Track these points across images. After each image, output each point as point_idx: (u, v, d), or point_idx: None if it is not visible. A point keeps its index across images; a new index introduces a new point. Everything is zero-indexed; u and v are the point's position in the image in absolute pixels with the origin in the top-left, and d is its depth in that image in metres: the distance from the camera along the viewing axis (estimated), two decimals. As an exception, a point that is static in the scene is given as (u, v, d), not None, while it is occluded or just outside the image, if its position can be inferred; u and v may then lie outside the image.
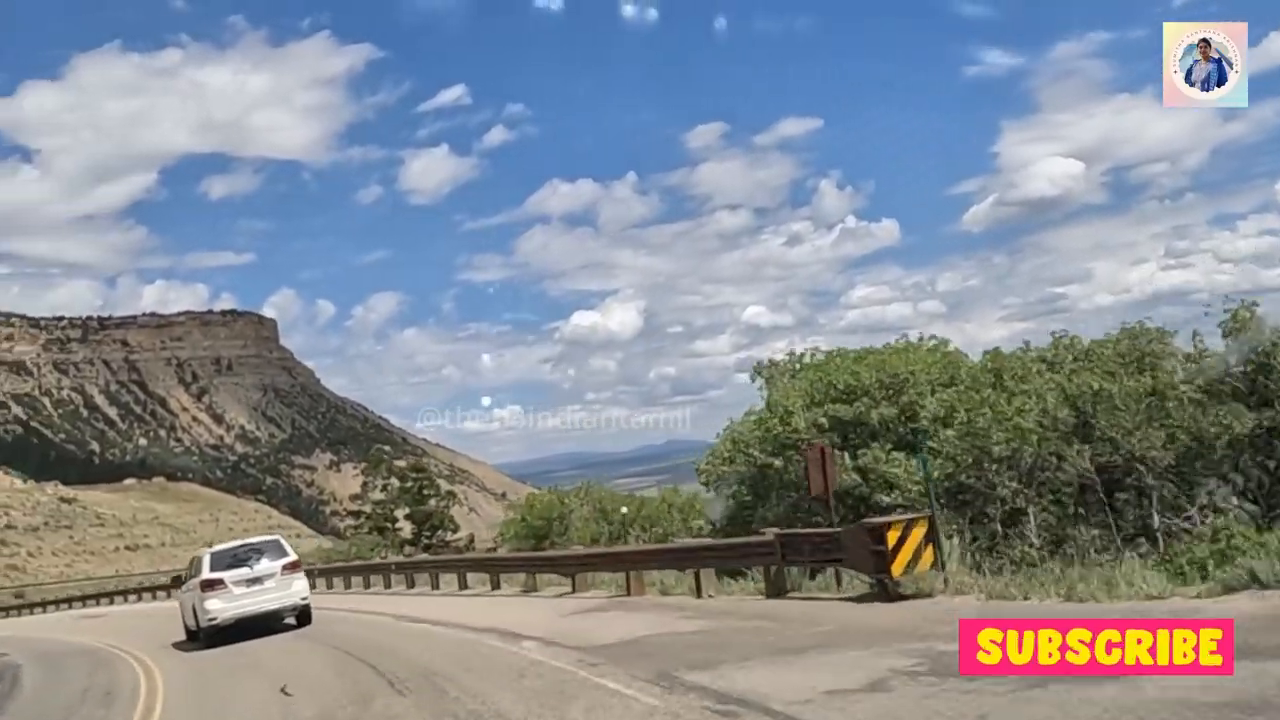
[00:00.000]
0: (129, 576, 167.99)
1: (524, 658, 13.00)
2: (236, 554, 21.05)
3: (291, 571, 20.80)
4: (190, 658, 19.05)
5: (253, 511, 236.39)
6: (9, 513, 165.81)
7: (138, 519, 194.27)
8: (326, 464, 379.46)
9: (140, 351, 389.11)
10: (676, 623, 14.56)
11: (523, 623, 16.70)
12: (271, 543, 21.95)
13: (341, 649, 16.52)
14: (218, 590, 19.84)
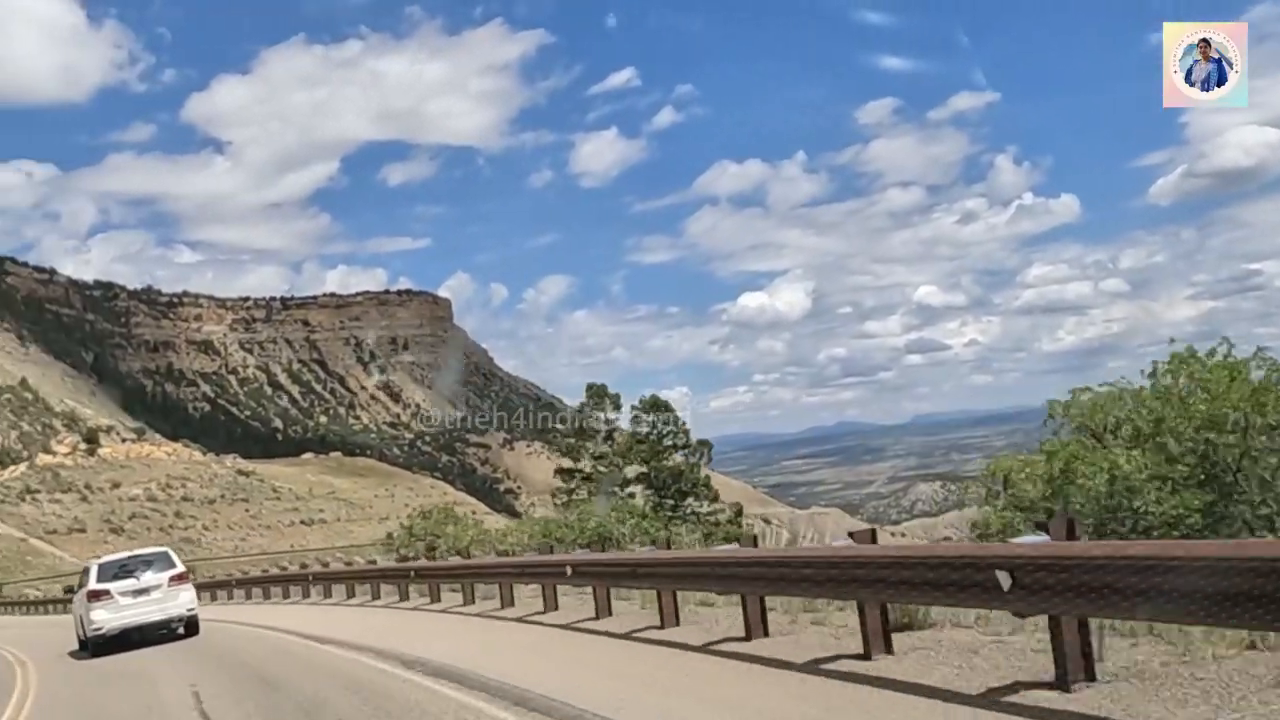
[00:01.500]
0: (303, 552, 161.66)
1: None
2: (125, 565, 20.43)
3: (179, 583, 20.20)
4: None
5: (429, 487, 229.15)
6: (186, 484, 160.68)
7: (314, 493, 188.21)
8: (500, 442, 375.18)
9: (321, 331, 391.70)
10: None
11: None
12: (160, 554, 21.41)
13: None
14: (104, 601, 19.37)
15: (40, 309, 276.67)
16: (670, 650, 11.04)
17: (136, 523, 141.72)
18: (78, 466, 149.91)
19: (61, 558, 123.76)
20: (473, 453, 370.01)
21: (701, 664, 9.96)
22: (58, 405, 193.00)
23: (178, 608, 20.09)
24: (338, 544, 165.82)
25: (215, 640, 19.76)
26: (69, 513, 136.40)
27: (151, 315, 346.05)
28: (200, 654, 17.53)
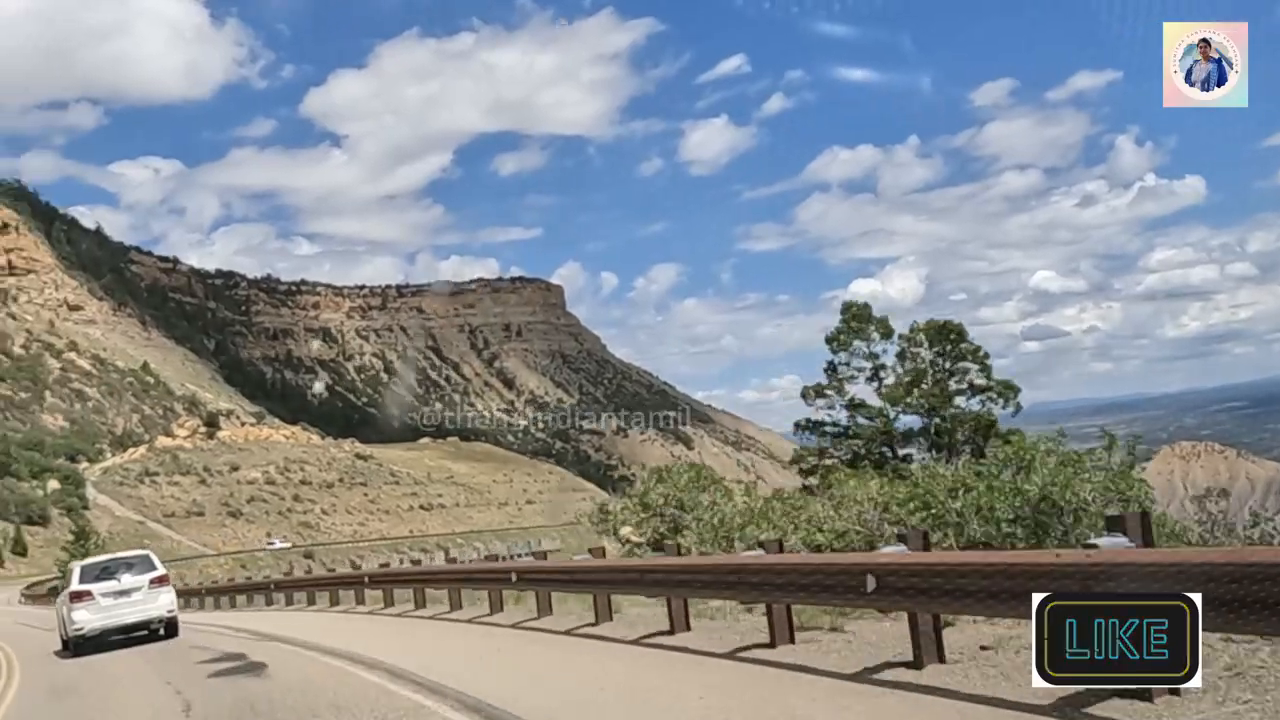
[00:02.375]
0: (423, 538, 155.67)
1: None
2: (107, 567, 20.45)
3: (159, 585, 20.01)
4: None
5: (546, 473, 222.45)
6: (304, 467, 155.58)
7: (432, 478, 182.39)
8: (614, 429, 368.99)
9: (435, 319, 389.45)
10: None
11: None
12: (141, 557, 21.19)
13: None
14: (85, 602, 19.30)
15: (163, 297, 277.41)
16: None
17: (255, 506, 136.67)
18: (197, 449, 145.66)
19: (179, 541, 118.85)
20: (586, 440, 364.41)
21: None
22: (179, 390, 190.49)
23: (157, 609, 20.04)
24: (458, 529, 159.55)
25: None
26: (187, 496, 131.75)
27: (271, 304, 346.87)
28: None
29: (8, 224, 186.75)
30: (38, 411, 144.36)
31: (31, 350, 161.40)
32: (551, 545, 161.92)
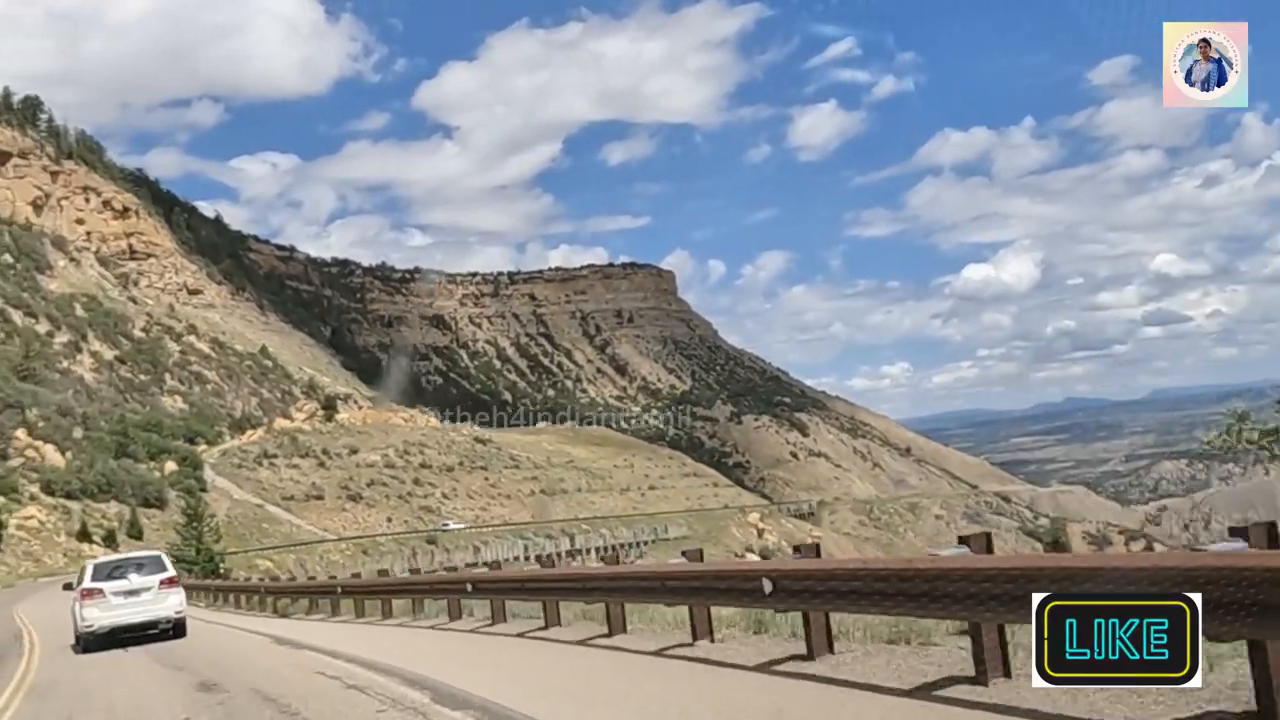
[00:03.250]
0: (546, 523, 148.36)
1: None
2: (118, 566, 21.00)
3: (169, 586, 20.46)
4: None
5: (666, 458, 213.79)
6: (424, 451, 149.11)
7: (552, 462, 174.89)
8: (727, 416, 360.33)
9: (547, 305, 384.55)
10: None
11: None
12: (153, 558, 21.84)
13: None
14: (96, 599, 19.63)
15: (280, 284, 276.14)
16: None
17: (375, 490, 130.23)
18: (315, 432, 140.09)
19: (298, 525, 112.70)
20: (700, 426, 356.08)
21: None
22: (297, 373, 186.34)
23: (165, 610, 20.25)
24: (580, 514, 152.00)
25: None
26: (306, 479, 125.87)
27: (385, 291, 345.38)
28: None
29: (128, 208, 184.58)
30: (157, 394, 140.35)
31: (151, 333, 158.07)
32: (678, 531, 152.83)
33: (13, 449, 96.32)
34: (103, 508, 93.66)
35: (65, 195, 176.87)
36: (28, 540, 77.83)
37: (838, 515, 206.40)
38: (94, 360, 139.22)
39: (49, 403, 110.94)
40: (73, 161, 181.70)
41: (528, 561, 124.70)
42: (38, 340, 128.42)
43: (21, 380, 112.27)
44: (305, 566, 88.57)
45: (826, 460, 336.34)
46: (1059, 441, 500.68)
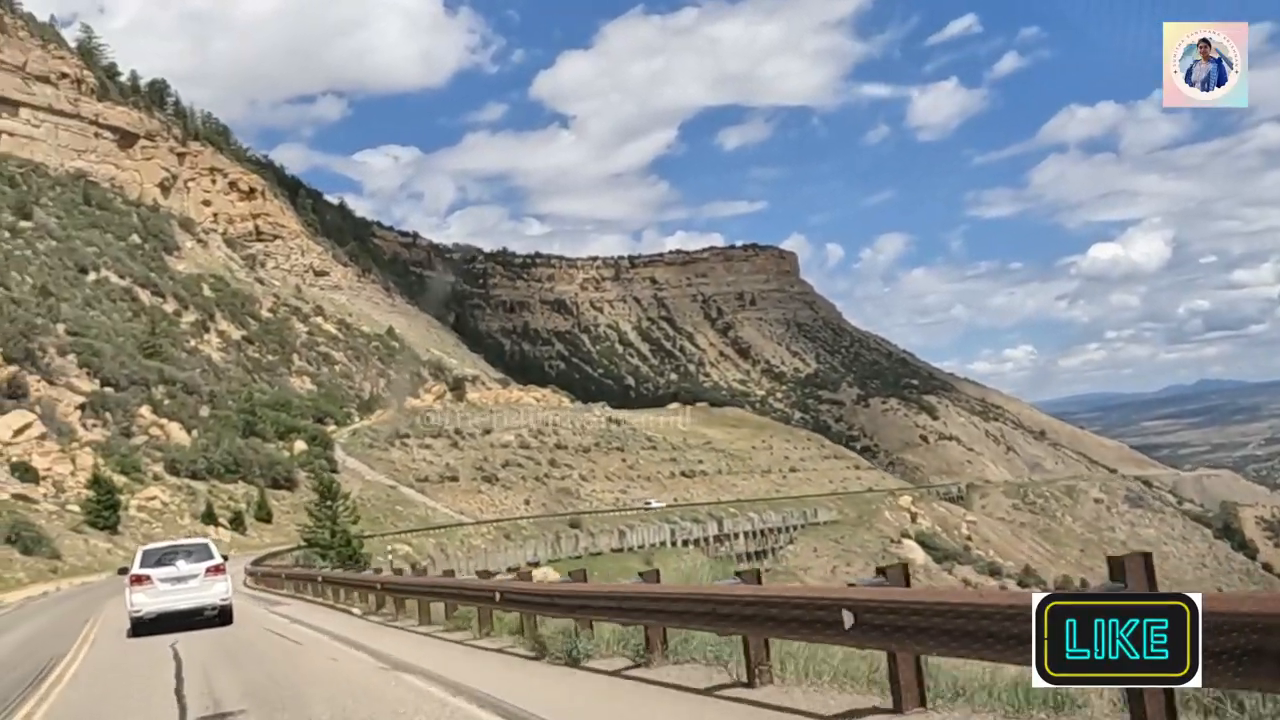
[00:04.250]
0: (690, 506, 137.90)
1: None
2: (167, 553, 21.11)
3: (215, 574, 20.60)
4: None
5: (804, 439, 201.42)
6: (558, 431, 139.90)
7: (688, 443, 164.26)
8: (854, 399, 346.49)
9: (668, 289, 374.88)
10: None
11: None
12: (200, 545, 21.96)
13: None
14: (144, 586, 19.92)
15: (404, 270, 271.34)
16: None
17: (510, 471, 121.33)
18: (446, 411, 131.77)
19: (433, 508, 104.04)
20: (826, 410, 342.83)
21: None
22: (424, 355, 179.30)
23: (211, 597, 20.45)
24: (724, 498, 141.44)
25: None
26: (440, 459, 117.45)
27: (507, 276, 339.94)
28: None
29: (254, 189, 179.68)
30: (285, 374, 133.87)
31: (279, 314, 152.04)
32: (828, 515, 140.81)
33: (136, 427, 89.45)
34: (229, 488, 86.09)
35: (192, 177, 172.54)
36: (149, 522, 70.07)
37: (989, 499, 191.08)
38: (221, 340, 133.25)
39: (175, 380, 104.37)
40: (199, 143, 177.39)
41: (677, 547, 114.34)
42: (165, 320, 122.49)
43: (147, 358, 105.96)
44: (445, 551, 79.65)
45: (958, 444, 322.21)
46: (1192, 425, 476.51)
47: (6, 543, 51.71)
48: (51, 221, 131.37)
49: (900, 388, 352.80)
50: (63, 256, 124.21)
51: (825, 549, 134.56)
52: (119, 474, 75.76)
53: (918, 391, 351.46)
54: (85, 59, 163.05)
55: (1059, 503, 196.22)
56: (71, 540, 58.26)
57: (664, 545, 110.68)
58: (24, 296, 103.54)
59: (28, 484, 65.56)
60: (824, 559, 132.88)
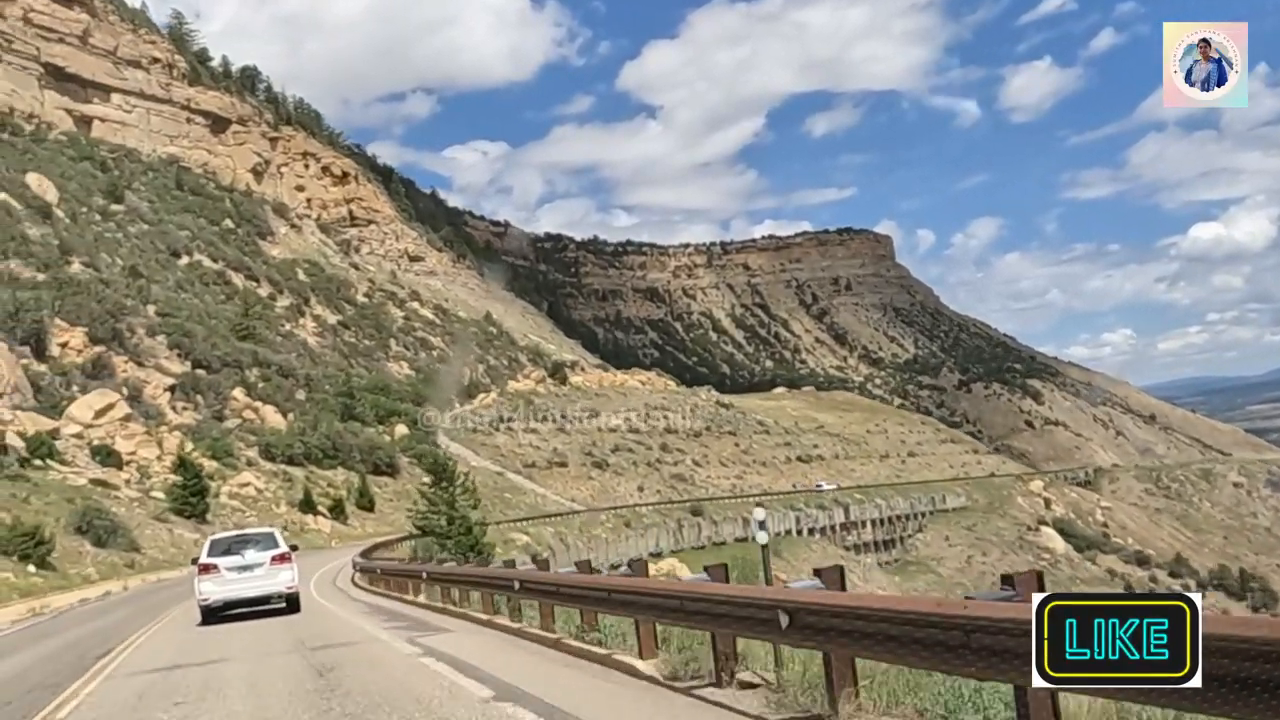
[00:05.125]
0: (814, 493, 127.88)
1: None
2: (234, 542, 21.18)
3: (280, 563, 20.56)
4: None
5: (919, 424, 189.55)
6: (667, 415, 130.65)
7: (800, 427, 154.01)
8: (955, 384, 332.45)
9: (761, 275, 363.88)
10: None
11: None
12: (266, 535, 22.00)
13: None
14: (211, 574, 20.05)
15: (496, 258, 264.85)
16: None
17: (621, 457, 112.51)
18: (550, 395, 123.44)
19: (543, 494, 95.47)
20: (926, 395, 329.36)
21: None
22: (522, 340, 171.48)
23: (277, 585, 20.45)
24: (844, 484, 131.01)
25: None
26: (546, 444, 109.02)
27: (599, 265, 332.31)
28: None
29: (347, 173, 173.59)
30: (383, 360, 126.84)
31: (374, 299, 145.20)
32: (956, 501, 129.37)
33: (229, 410, 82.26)
34: (328, 474, 78.40)
35: (284, 162, 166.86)
36: (242, 510, 62.40)
37: (1119, 484, 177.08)
38: (316, 324, 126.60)
39: (269, 362, 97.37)
40: (291, 128, 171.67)
41: (803, 536, 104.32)
42: (259, 303, 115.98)
43: (240, 340, 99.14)
44: (565, 541, 70.79)
45: (1064, 429, 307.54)
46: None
47: (76, 533, 44.00)
48: (143, 205, 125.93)
49: (1003, 372, 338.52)
50: (154, 239, 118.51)
51: (958, 538, 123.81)
52: (210, 459, 68.39)
53: (1021, 376, 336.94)
54: (176, 44, 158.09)
55: (1195, 487, 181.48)
56: (154, 530, 50.58)
57: (789, 534, 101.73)
58: (113, 278, 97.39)
59: (109, 468, 58.21)
60: (957, 548, 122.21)
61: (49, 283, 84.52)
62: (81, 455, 59.03)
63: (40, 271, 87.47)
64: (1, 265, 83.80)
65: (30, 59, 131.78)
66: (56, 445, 57.86)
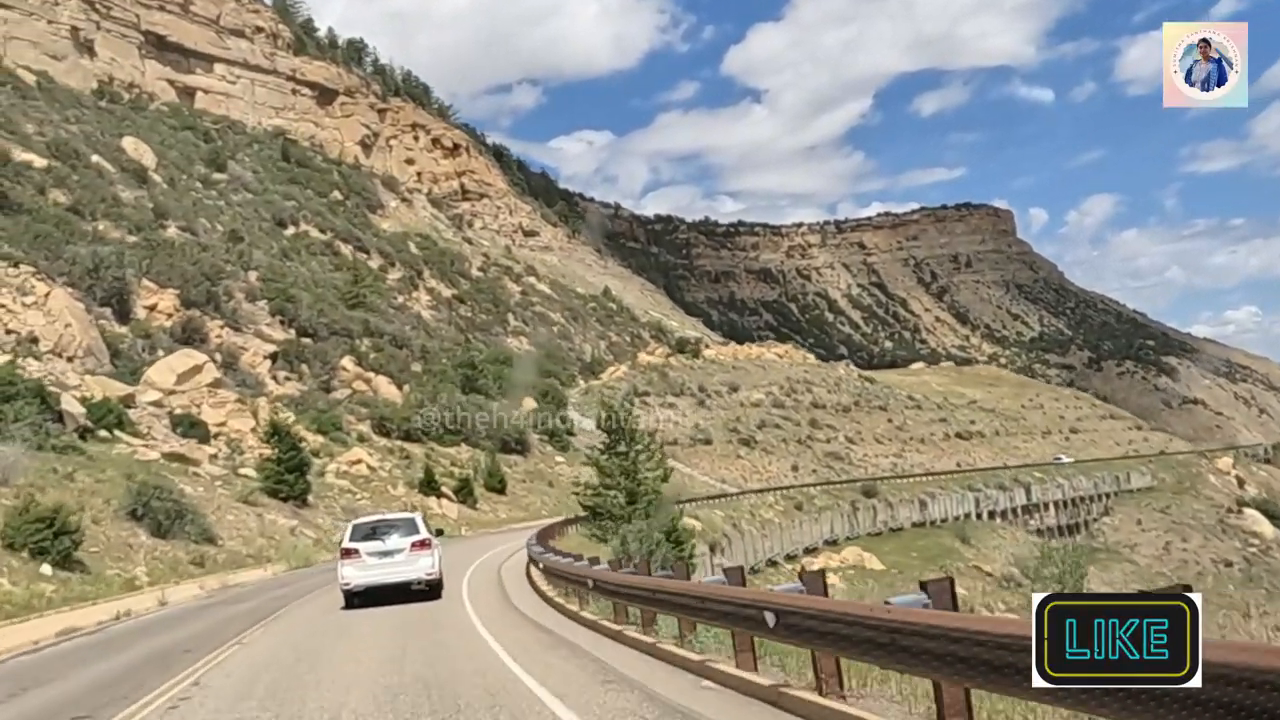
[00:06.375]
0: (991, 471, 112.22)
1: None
2: (375, 528, 20.64)
3: (420, 549, 20.08)
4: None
5: (1072, 398, 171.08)
6: (811, 389, 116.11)
7: (950, 402, 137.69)
8: (1084, 362, 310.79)
9: (877, 253, 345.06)
10: None
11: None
12: (407, 520, 21.40)
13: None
14: (353, 559, 19.60)
15: (609, 238, 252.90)
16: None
17: (768, 433, 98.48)
18: (684, 368, 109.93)
19: (689, 474, 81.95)
20: (1055, 375, 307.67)
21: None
22: (642, 316, 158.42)
23: (417, 571, 19.92)
24: (1009, 463, 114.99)
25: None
26: (686, 420, 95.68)
27: (710, 246, 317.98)
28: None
29: (458, 144, 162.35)
30: (501, 334, 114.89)
31: (489, 273, 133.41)
32: (1141, 481, 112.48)
33: (338, 380, 70.59)
34: (450, 452, 66.08)
35: (393, 134, 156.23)
36: (352, 492, 50.22)
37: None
38: (431, 297, 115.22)
39: (382, 332, 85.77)
40: (399, 99, 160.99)
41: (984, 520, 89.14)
42: (370, 275, 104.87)
43: (350, 308, 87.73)
44: (738, 526, 57.30)
45: (1204, 407, 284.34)
46: None
47: (130, 518, 31.77)
48: (247, 174, 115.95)
49: (1135, 349, 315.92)
50: (258, 208, 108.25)
51: (1150, 521, 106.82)
52: (315, 433, 56.48)
53: (1154, 353, 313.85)
54: (280, 14, 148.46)
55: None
56: (237, 516, 38.28)
57: (968, 518, 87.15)
58: (212, 243, 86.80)
59: (190, 440, 46.33)
60: (1151, 533, 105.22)
61: (140, 244, 73.95)
62: (159, 426, 47.33)
63: (131, 234, 76.98)
64: (88, 225, 73.40)
65: (130, 26, 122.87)
66: (129, 414, 46.26)
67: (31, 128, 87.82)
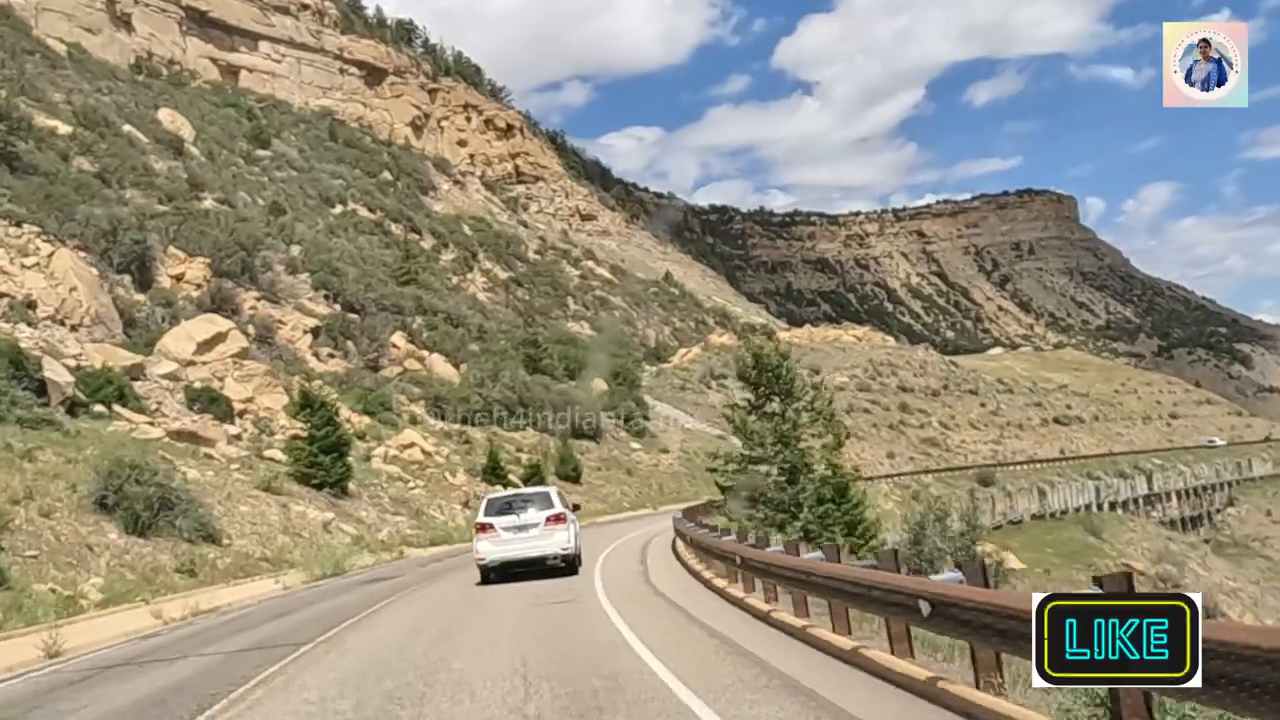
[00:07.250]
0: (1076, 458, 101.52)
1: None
2: (510, 502, 20.29)
3: (555, 523, 19.30)
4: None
5: (1164, 383, 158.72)
6: (897, 372, 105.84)
7: (1041, 387, 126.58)
8: (1154, 350, 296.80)
9: (937, 242, 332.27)
10: None
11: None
12: (542, 494, 20.79)
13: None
14: (488, 534, 19.19)
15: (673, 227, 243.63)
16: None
17: (857, 418, 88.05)
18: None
19: (780, 464, 71.30)
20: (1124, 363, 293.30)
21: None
22: (705, 301, 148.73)
23: (552, 546, 19.29)
24: (1114, 450, 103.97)
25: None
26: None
27: (766, 236, 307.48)
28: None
29: (511, 125, 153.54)
30: (561, 318, 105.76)
31: (546, 256, 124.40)
32: (1263, 469, 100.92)
33: (387, 358, 61.65)
34: (514, 436, 56.88)
35: (445, 115, 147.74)
36: (404, 479, 41.16)
37: None
38: (487, 279, 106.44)
39: (436, 310, 76.91)
40: (451, 79, 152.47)
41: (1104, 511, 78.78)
42: (423, 254, 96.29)
43: (402, 285, 78.99)
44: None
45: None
46: None
47: (99, 509, 22.86)
48: (292, 152, 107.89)
49: (1207, 337, 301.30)
50: (304, 185, 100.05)
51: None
52: (362, 413, 47.57)
53: (1227, 340, 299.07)
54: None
55: None
56: (254, 506, 29.13)
57: (1089, 509, 76.84)
58: (251, 215, 78.45)
59: (205, 417, 37.40)
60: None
61: (170, 213, 65.61)
62: (171, 401, 38.50)
63: (162, 203, 68.68)
64: (113, 192, 65.18)
65: (169, 1, 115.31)
66: (135, 387, 37.48)
67: (59, 95, 80.00)
